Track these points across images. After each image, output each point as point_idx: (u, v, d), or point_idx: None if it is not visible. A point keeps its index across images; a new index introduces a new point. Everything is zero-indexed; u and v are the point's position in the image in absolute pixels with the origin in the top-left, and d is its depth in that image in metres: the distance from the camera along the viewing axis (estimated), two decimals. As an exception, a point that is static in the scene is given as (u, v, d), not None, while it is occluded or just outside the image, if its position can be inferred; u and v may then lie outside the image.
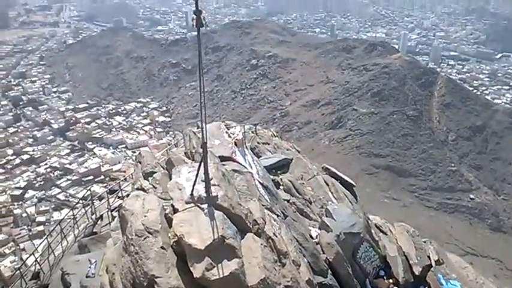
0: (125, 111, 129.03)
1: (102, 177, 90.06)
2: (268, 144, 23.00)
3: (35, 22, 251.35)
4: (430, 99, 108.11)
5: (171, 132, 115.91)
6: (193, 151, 14.44)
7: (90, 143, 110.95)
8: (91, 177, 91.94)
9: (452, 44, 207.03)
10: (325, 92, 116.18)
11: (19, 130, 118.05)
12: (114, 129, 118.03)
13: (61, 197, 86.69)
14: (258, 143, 22.20)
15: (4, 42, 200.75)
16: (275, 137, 26.49)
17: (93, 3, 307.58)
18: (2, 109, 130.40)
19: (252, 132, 23.68)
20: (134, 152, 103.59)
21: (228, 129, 17.21)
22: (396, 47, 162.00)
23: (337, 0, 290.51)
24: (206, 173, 9.64)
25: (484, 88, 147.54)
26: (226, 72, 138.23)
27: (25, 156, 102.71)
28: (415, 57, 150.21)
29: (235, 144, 15.04)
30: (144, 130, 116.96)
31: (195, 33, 9.59)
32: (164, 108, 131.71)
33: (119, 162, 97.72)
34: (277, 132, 33.19)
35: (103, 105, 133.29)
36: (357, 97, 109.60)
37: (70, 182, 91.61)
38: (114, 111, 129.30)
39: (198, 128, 18.44)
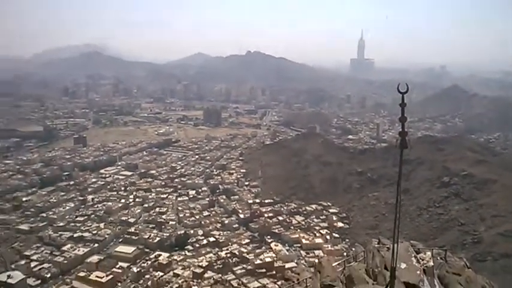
0: (305, 212, 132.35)
1: (274, 272, 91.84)
2: (460, 275, 20.20)
3: (242, 123, 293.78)
4: None
5: (347, 240, 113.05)
6: (376, 271, 13.60)
7: (269, 236, 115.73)
8: (264, 270, 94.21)
9: None
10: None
11: (211, 215, 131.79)
12: (292, 228, 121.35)
13: (234, 283, 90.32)
14: (447, 272, 19.73)
15: (215, 137, 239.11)
16: (468, 268, 23.23)
17: (291, 111, 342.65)
18: (201, 194, 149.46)
19: (441, 258, 21.28)
20: (308, 254, 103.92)
21: (417, 253, 15.83)
22: None
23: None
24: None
25: None
26: (414, 186, 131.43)
27: (211, 239, 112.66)
28: None
29: (424, 271, 13.67)
30: (320, 233, 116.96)
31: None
32: (344, 215, 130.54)
33: (292, 261, 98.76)
34: (468, 260, 29.08)
35: (286, 203, 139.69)
36: None
37: (244, 270, 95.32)
38: (295, 210, 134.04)
39: (378, 244, 17.52)
